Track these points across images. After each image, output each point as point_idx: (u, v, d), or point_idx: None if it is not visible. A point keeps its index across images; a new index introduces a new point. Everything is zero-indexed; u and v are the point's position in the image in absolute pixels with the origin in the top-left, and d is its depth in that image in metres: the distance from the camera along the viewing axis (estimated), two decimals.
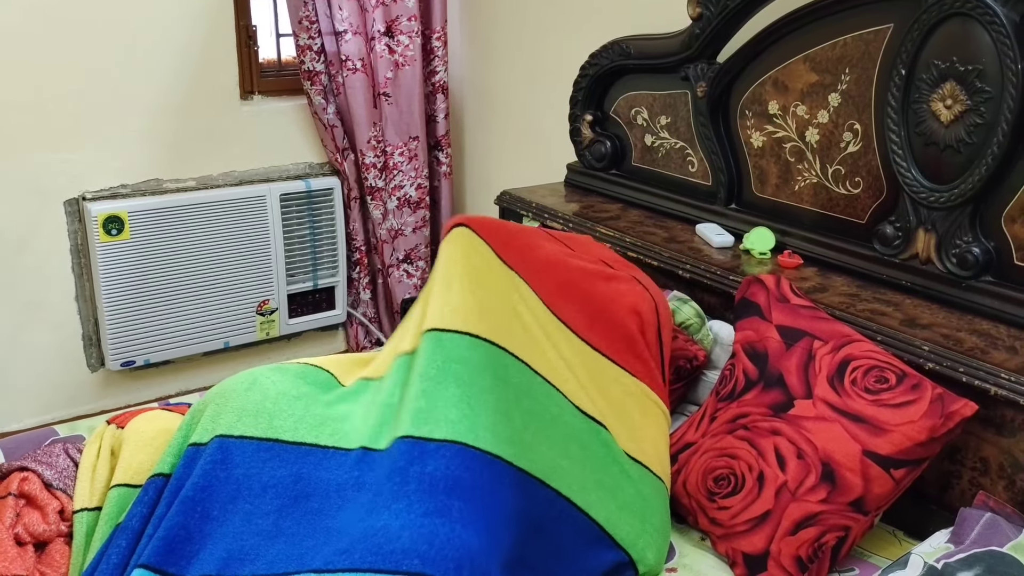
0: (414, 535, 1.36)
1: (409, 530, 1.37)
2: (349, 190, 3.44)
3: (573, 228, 2.49)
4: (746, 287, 1.97)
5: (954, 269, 1.90)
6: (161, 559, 1.43)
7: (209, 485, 1.49)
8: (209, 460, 1.52)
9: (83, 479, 1.65)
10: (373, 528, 1.39)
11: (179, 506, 1.47)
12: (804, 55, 2.14)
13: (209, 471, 1.51)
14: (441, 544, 1.36)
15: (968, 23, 1.79)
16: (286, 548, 1.42)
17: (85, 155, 3.00)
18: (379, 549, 1.35)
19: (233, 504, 1.47)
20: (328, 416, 1.60)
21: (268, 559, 1.41)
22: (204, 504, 1.48)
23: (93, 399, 3.20)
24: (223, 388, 1.66)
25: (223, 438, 1.55)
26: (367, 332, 3.66)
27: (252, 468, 1.51)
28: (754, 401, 1.79)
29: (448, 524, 1.39)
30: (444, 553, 1.35)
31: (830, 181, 2.14)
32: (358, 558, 1.35)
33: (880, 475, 1.62)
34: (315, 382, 1.69)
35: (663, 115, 2.53)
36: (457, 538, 1.37)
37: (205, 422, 1.59)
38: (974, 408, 1.60)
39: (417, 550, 1.34)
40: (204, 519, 1.46)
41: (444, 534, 1.37)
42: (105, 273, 3.04)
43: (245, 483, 1.49)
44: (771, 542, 1.66)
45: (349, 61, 3.21)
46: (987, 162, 1.80)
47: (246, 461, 1.52)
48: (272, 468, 1.51)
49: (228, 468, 1.51)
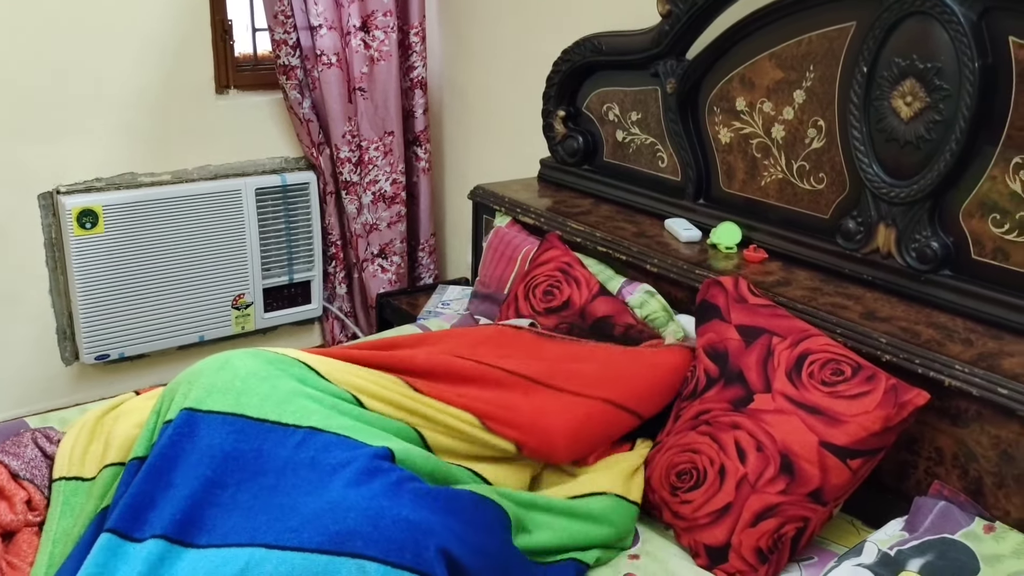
0: (359, 517, 1.40)
1: (355, 511, 1.41)
2: (325, 184, 3.45)
3: (545, 222, 2.51)
4: (706, 290, 2.00)
5: (913, 263, 1.93)
6: (125, 524, 1.47)
7: (174, 455, 1.54)
8: (176, 431, 1.57)
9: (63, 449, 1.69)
10: (322, 508, 1.43)
11: (144, 474, 1.52)
12: (770, 52, 2.16)
13: (175, 441, 1.55)
14: (386, 525, 1.38)
15: (927, 22, 1.82)
16: (241, 521, 1.46)
17: (60, 149, 2.99)
18: (326, 529, 1.39)
19: (195, 471, 1.51)
20: (293, 396, 1.62)
21: (223, 531, 1.45)
22: (168, 473, 1.52)
23: (67, 392, 3.20)
24: (196, 368, 1.71)
25: (191, 411, 1.59)
26: (343, 326, 3.67)
27: (215, 439, 1.55)
28: (715, 397, 1.81)
29: (395, 506, 1.41)
30: (388, 535, 1.37)
31: (795, 177, 2.17)
32: (306, 537, 1.39)
33: (837, 465, 1.65)
34: (287, 368, 1.72)
35: (634, 111, 2.56)
36: (403, 520, 1.40)
37: (177, 400, 1.64)
38: (926, 397, 1.63)
39: (362, 531, 1.37)
40: (167, 486, 1.51)
41: (390, 516, 1.40)
42: (79, 267, 3.04)
43: (208, 453, 1.53)
44: (732, 534, 1.69)
45: (324, 56, 3.22)
46: (945, 158, 1.83)
47: (211, 433, 1.56)
48: (235, 441, 1.55)
49: (193, 439, 1.55)
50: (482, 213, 2.82)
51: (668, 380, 1.93)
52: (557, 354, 1.95)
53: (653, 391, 1.91)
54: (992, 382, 1.60)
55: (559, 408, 1.81)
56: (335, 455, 1.54)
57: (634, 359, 1.96)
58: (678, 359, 1.95)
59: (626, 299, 2.22)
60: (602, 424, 1.85)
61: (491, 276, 2.56)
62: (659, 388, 1.92)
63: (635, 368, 1.93)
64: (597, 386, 1.87)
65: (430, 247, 3.70)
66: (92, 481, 1.65)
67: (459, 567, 1.45)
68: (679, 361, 1.95)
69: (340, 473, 1.50)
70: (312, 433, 1.57)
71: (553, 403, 1.82)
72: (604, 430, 1.86)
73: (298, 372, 1.70)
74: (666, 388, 1.93)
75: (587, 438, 1.84)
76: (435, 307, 3.09)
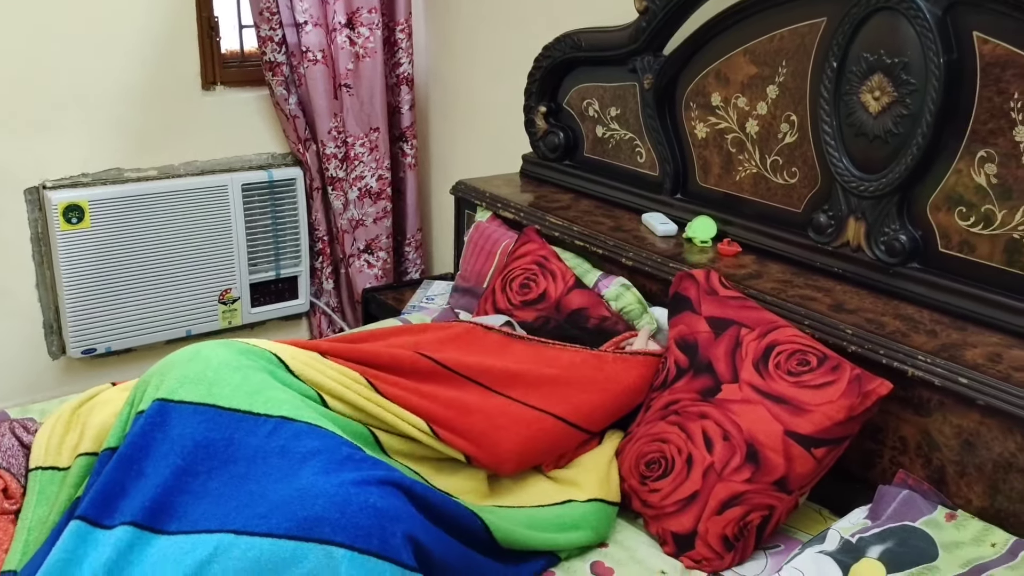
0: (327, 503, 1.42)
1: (323, 498, 1.42)
2: (311, 180, 3.47)
3: (524, 217, 2.53)
4: (678, 282, 2.02)
5: (882, 256, 1.95)
6: (95, 511, 1.49)
7: (146, 444, 1.55)
8: (148, 421, 1.58)
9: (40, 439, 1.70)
10: (290, 495, 1.44)
11: (116, 463, 1.54)
12: (744, 48, 2.19)
13: (147, 431, 1.57)
14: (353, 512, 1.40)
15: (894, 17, 1.84)
16: (210, 508, 1.48)
17: (46, 144, 3.02)
18: (294, 515, 1.41)
19: (166, 460, 1.53)
20: (264, 387, 1.65)
21: (193, 517, 1.47)
22: (140, 462, 1.54)
23: (54, 386, 3.22)
24: (167, 360, 1.72)
25: (163, 401, 1.60)
26: (330, 321, 3.70)
27: (187, 429, 1.56)
28: (684, 388, 1.84)
29: (363, 493, 1.43)
30: (355, 521, 1.39)
31: (769, 171, 2.19)
32: (274, 523, 1.41)
33: (802, 454, 1.68)
34: (257, 359, 1.74)
35: (613, 107, 2.58)
36: (370, 506, 1.42)
37: (150, 391, 1.65)
38: (889, 387, 1.66)
39: (329, 518, 1.39)
40: (139, 475, 1.52)
41: (357, 502, 1.42)
42: (66, 261, 3.06)
43: (179, 442, 1.55)
44: (699, 522, 1.71)
45: (310, 52, 3.24)
46: (912, 152, 1.85)
47: (183, 422, 1.57)
48: (206, 430, 1.56)
49: (165, 429, 1.57)
50: (464, 208, 2.84)
51: (624, 400, 1.96)
52: (522, 357, 1.97)
53: (608, 411, 1.94)
54: (953, 372, 1.62)
55: (511, 421, 1.83)
56: (305, 444, 1.55)
57: (597, 368, 1.96)
58: (639, 374, 1.97)
59: (602, 292, 2.24)
60: (551, 441, 1.88)
61: (471, 270, 2.58)
62: (614, 407, 1.95)
63: (594, 383, 1.94)
64: (553, 400, 1.88)
65: (416, 242, 3.73)
66: (67, 471, 1.67)
67: (426, 554, 1.48)
68: (640, 377, 1.97)
69: (310, 462, 1.52)
70: (283, 422, 1.59)
71: (506, 415, 1.84)
72: (552, 447, 1.89)
73: (268, 364, 1.72)
74: (621, 407, 1.96)
75: (535, 455, 1.87)
76: (419, 302, 3.11)
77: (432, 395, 1.80)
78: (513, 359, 1.95)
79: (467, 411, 1.80)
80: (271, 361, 1.74)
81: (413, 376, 1.82)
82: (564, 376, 1.93)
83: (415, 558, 1.44)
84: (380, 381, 1.78)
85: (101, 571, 1.41)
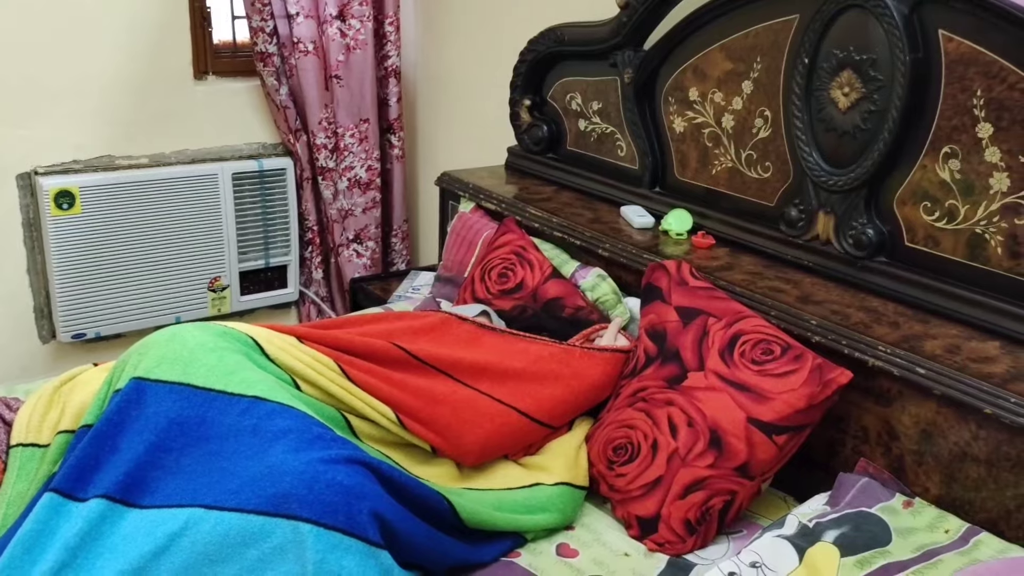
0: (295, 480, 1.45)
1: (291, 475, 1.46)
2: (302, 171, 3.51)
3: (506, 208, 2.57)
4: (650, 273, 2.06)
5: (850, 249, 1.99)
6: (69, 484, 1.53)
7: (121, 421, 1.59)
8: (124, 398, 1.61)
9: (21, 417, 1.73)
10: (260, 472, 1.48)
11: (91, 438, 1.58)
12: (720, 44, 2.22)
13: (123, 408, 1.60)
14: (320, 489, 1.44)
15: (863, 15, 1.88)
16: (183, 483, 1.52)
17: (38, 130, 3.05)
18: (263, 492, 1.45)
19: (141, 436, 1.56)
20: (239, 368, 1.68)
21: (165, 492, 1.51)
22: (115, 438, 1.57)
23: (44, 370, 3.26)
24: (145, 340, 1.76)
25: (139, 380, 1.64)
26: (319, 311, 3.74)
27: (162, 407, 1.60)
28: (652, 375, 1.88)
29: (330, 471, 1.47)
30: (322, 497, 1.43)
31: (743, 165, 2.22)
32: (244, 499, 1.45)
33: (763, 441, 1.71)
34: (234, 341, 1.77)
35: (595, 101, 2.62)
36: (337, 484, 1.46)
37: (127, 370, 1.69)
38: (849, 376, 1.69)
39: (297, 494, 1.43)
40: (113, 451, 1.56)
41: (324, 479, 1.46)
42: (56, 247, 3.10)
43: (154, 420, 1.58)
44: (662, 506, 1.75)
45: (301, 44, 3.27)
46: (879, 147, 1.89)
47: (158, 400, 1.61)
48: (181, 408, 1.60)
49: (141, 406, 1.60)
50: (448, 199, 2.88)
51: (588, 397, 1.99)
52: (491, 349, 2.00)
53: (570, 407, 1.98)
54: (912, 362, 1.66)
55: (476, 415, 1.87)
56: (277, 423, 1.59)
57: (563, 364, 1.99)
58: (603, 371, 2.00)
59: (579, 282, 2.28)
60: (514, 436, 1.91)
61: (453, 260, 2.62)
62: (577, 403, 1.98)
63: (559, 379, 1.97)
64: (518, 395, 1.92)
65: (403, 233, 3.76)
66: (47, 448, 1.71)
67: (392, 531, 1.51)
68: (604, 375, 2.00)
69: (281, 440, 1.56)
70: (256, 402, 1.62)
71: (472, 408, 1.87)
72: (515, 441, 1.92)
73: (244, 347, 1.76)
74: (584, 402, 1.99)
75: (497, 448, 1.90)
76: (405, 292, 3.15)
77: (402, 384, 1.84)
78: (482, 351, 1.98)
79: (434, 402, 1.84)
80: (247, 344, 1.78)
81: (385, 364, 1.86)
82: (530, 370, 1.96)
83: (381, 535, 1.48)
84: (351, 367, 1.82)
85: (73, 542, 1.46)
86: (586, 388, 1.98)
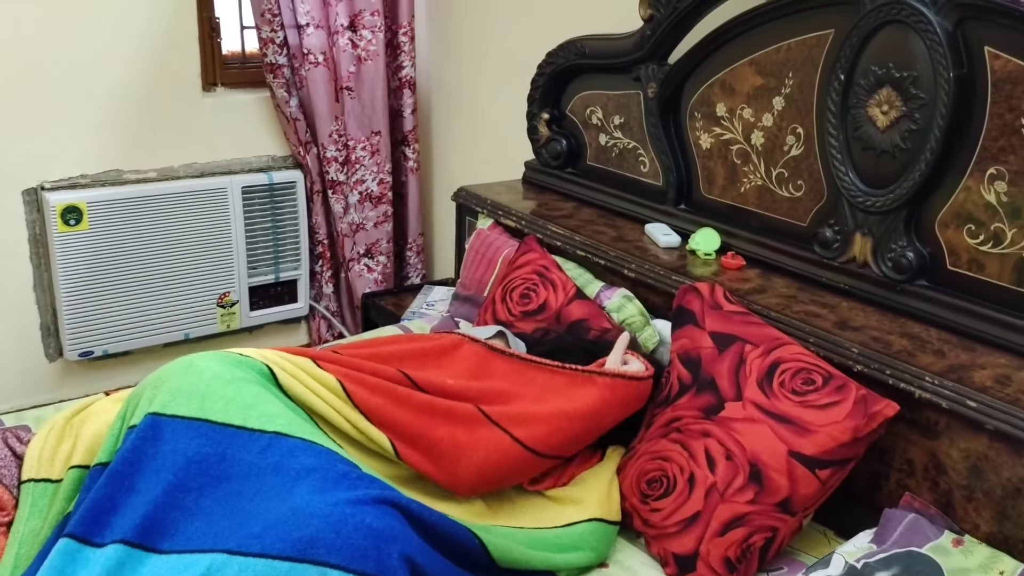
0: (322, 524, 1.39)
1: (318, 518, 1.40)
2: (312, 183, 3.44)
3: (526, 225, 2.51)
4: (682, 296, 1.99)
5: (889, 273, 1.92)
6: (85, 528, 1.47)
7: (137, 460, 1.53)
8: (139, 436, 1.55)
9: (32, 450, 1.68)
10: (285, 514, 1.42)
11: (107, 479, 1.52)
12: (750, 58, 2.16)
13: (139, 446, 1.54)
14: (349, 532, 1.38)
15: (904, 31, 1.81)
16: (203, 526, 1.45)
17: (44, 144, 2.99)
18: (289, 536, 1.38)
19: (159, 476, 1.50)
20: (258, 400, 1.62)
21: (185, 535, 1.45)
22: (131, 478, 1.51)
23: (51, 389, 3.20)
24: (160, 372, 1.70)
25: (155, 415, 1.58)
26: (329, 326, 3.67)
27: (179, 444, 1.54)
28: (687, 405, 1.81)
29: (359, 513, 1.41)
30: (351, 542, 1.37)
31: (774, 184, 2.16)
32: (269, 543, 1.38)
33: (806, 475, 1.65)
34: (250, 370, 1.71)
35: (617, 115, 2.55)
36: (366, 527, 1.39)
37: (142, 404, 1.63)
38: (896, 408, 1.63)
39: (325, 538, 1.37)
40: (130, 492, 1.50)
41: (353, 523, 1.39)
42: (63, 263, 3.03)
43: (171, 458, 1.52)
44: (700, 543, 1.68)
45: (311, 55, 3.21)
46: (921, 168, 1.82)
47: (175, 437, 1.54)
48: (199, 446, 1.54)
49: (157, 444, 1.54)
50: (465, 215, 2.81)
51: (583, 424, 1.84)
52: (501, 375, 1.90)
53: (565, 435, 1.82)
54: (961, 395, 1.59)
55: (472, 442, 1.76)
56: (300, 461, 1.53)
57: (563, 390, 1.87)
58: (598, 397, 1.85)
59: (604, 303, 2.21)
60: (511, 466, 1.79)
61: (471, 278, 2.56)
62: (573, 432, 1.83)
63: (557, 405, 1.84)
64: (516, 422, 1.79)
65: (418, 247, 3.70)
66: (59, 483, 1.65)
67: (422, 574, 1.45)
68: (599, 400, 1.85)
69: (305, 479, 1.50)
70: (277, 438, 1.56)
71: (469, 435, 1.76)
72: (513, 472, 1.80)
73: (261, 377, 1.70)
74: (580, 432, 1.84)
75: (493, 477, 1.78)
76: (419, 308, 3.08)
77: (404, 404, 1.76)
78: (490, 379, 1.89)
79: (432, 428, 1.75)
80: (263, 373, 1.72)
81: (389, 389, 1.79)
82: (533, 398, 1.85)
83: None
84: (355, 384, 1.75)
85: None
86: (579, 415, 1.83)
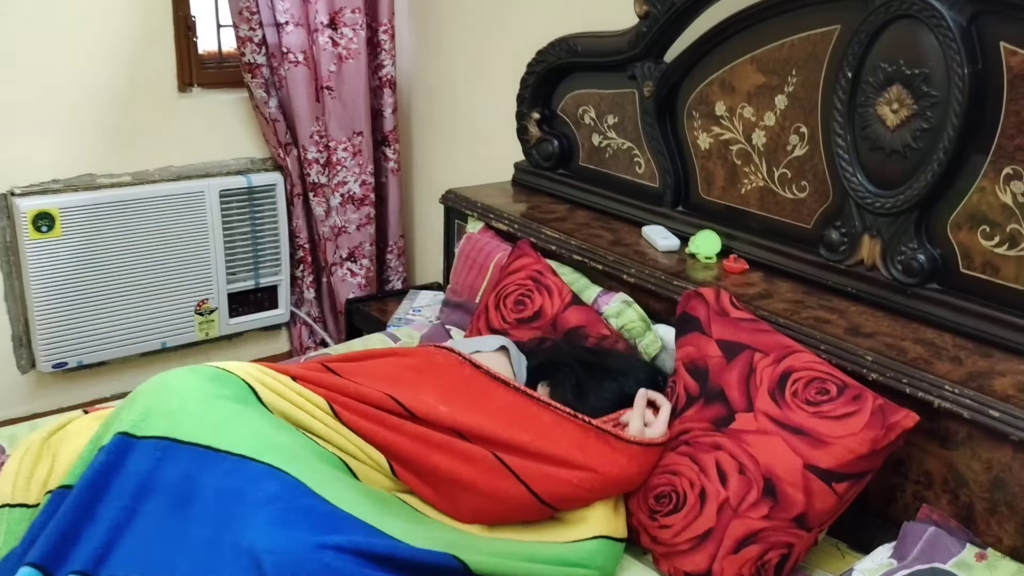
0: (279, 560, 1.34)
1: (275, 554, 1.35)
2: (292, 186, 3.35)
3: (519, 229, 2.43)
4: (686, 301, 1.92)
5: (899, 276, 1.87)
6: (47, 559, 1.42)
7: (101, 484, 1.48)
8: (106, 458, 1.50)
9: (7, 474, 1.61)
10: (242, 547, 1.38)
11: (71, 503, 1.47)
12: (751, 56, 2.09)
13: (104, 469, 1.49)
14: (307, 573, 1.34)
15: (915, 26, 1.75)
16: (161, 552, 1.42)
17: (14, 149, 2.87)
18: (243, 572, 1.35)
19: (118, 502, 1.46)
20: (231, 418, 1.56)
21: (142, 561, 1.41)
22: (92, 505, 1.47)
23: (24, 402, 3.09)
24: (134, 392, 1.65)
25: (124, 435, 1.53)
26: (311, 332, 3.57)
27: (143, 466, 1.49)
28: (695, 417, 1.74)
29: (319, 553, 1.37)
30: None
31: (776, 184, 2.10)
32: None
33: (822, 489, 1.58)
34: (227, 386, 1.64)
35: (610, 114, 2.48)
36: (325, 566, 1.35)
37: (115, 424, 1.57)
38: (916, 419, 1.57)
39: None
40: (91, 519, 1.46)
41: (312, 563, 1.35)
42: (35, 272, 2.92)
43: (135, 481, 1.48)
44: (714, 561, 1.61)
45: (291, 54, 3.12)
46: (933, 168, 1.76)
47: (139, 460, 1.50)
48: (163, 468, 1.49)
49: (121, 467, 1.50)
50: (454, 218, 2.73)
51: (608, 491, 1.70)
52: (502, 407, 1.75)
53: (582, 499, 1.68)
54: (983, 404, 1.53)
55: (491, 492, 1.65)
56: (264, 488, 1.47)
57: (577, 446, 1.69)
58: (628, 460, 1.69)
59: (602, 308, 2.14)
60: (513, 509, 1.67)
61: (462, 284, 2.47)
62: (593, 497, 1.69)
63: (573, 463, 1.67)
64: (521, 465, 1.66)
65: (399, 249, 3.61)
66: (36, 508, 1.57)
67: None
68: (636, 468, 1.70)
69: (266, 508, 1.44)
70: (242, 461, 1.50)
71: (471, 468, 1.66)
72: (513, 514, 1.68)
73: (239, 391, 1.63)
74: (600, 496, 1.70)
75: (490, 515, 1.68)
76: (405, 314, 3.00)
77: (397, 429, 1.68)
78: (489, 411, 1.73)
79: (429, 454, 1.66)
80: (241, 388, 1.65)
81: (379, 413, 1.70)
82: (537, 442, 1.69)
83: None
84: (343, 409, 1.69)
85: None
86: (608, 483, 1.68)
